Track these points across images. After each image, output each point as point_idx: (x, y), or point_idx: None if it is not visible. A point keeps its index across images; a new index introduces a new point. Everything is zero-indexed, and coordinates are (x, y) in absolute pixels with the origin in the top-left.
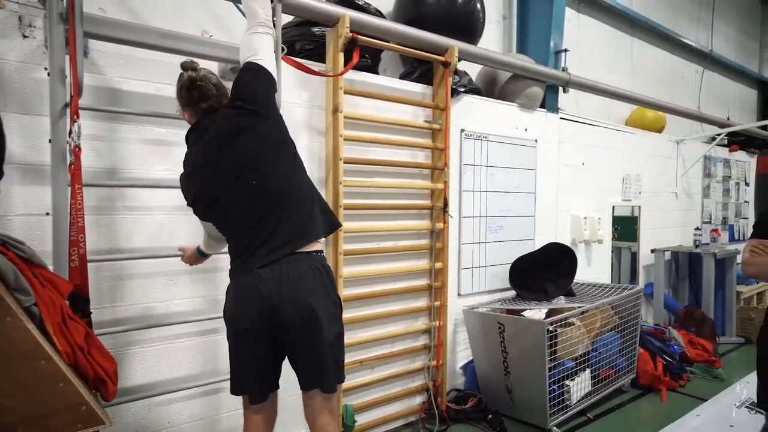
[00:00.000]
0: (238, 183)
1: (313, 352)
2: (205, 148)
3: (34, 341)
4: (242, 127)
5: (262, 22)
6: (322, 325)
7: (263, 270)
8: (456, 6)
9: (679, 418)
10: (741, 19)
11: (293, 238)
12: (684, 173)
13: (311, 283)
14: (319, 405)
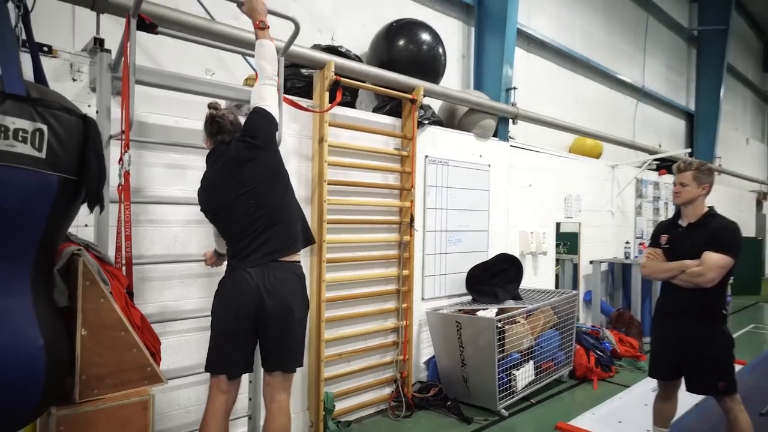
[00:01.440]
0: (239, 201)
1: (284, 341)
2: (218, 170)
3: (117, 317)
4: (248, 157)
5: (270, 76)
6: (295, 321)
7: (253, 269)
8: (422, 51)
9: (606, 401)
10: (670, 58)
11: (280, 248)
12: (618, 194)
13: (292, 286)
14: (279, 384)
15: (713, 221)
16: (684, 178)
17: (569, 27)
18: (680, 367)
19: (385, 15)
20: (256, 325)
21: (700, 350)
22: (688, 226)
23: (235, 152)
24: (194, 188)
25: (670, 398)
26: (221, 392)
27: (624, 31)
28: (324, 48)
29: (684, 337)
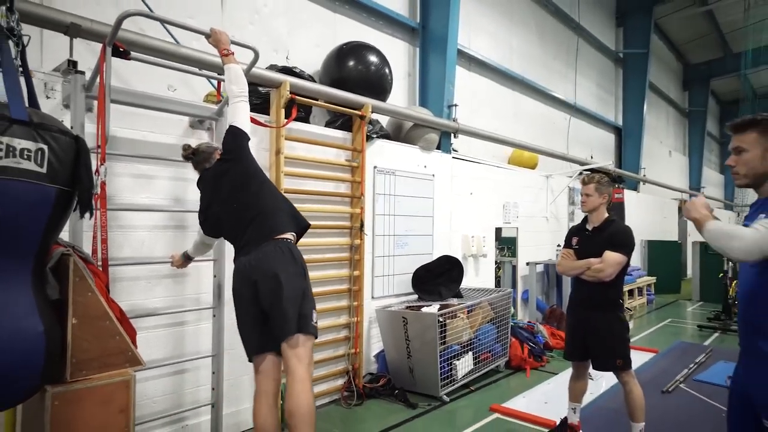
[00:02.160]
0: (226, 209)
1: (278, 308)
2: (208, 192)
3: (103, 309)
4: (224, 172)
5: (237, 95)
6: (283, 284)
7: (245, 257)
8: (370, 72)
9: (536, 386)
10: (599, 77)
11: (263, 235)
12: (552, 201)
13: (274, 255)
14: (286, 353)
15: (611, 226)
16: (588, 190)
17: (507, 48)
18: (587, 350)
19: (338, 36)
20: (258, 305)
21: (601, 334)
22: (593, 229)
23: (215, 173)
24: (160, 196)
25: (580, 377)
26: (257, 373)
27: (557, 52)
28: (280, 69)
29: (589, 324)
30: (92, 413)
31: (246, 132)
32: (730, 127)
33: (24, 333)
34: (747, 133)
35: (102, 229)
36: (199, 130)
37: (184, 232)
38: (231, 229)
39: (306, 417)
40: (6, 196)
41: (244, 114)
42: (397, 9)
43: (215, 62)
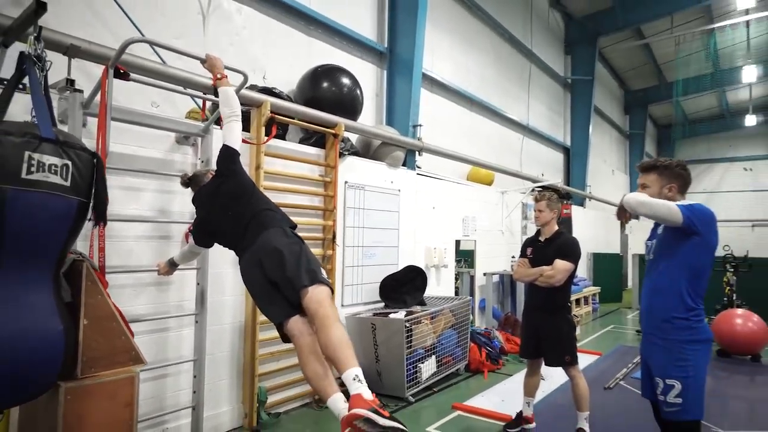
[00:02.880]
0: (223, 219)
1: (283, 271)
2: (204, 205)
3: (111, 311)
4: (218, 185)
5: (229, 115)
6: (284, 252)
7: (248, 251)
8: (342, 93)
9: (493, 386)
10: (550, 100)
11: (260, 230)
12: (507, 216)
13: (272, 236)
14: (307, 305)
15: (561, 238)
16: (540, 206)
17: (466, 72)
18: (540, 348)
19: (311, 57)
20: (269, 280)
21: (552, 334)
22: (545, 241)
23: (209, 189)
24: (147, 208)
25: (534, 374)
26: (293, 337)
27: (512, 76)
28: (260, 89)
29: (541, 325)
30: (101, 407)
31: (237, 150)
32: (638, 168)
33: (47, 332)
34: (649, 173)
35: (100, 238)
36: (184, 146)
37: (168, 242)
38: (231, 236)
39: (342, 340)
40: (38, 207)
41: (236, 133)
42: (366, 34)
43: (200, 81)
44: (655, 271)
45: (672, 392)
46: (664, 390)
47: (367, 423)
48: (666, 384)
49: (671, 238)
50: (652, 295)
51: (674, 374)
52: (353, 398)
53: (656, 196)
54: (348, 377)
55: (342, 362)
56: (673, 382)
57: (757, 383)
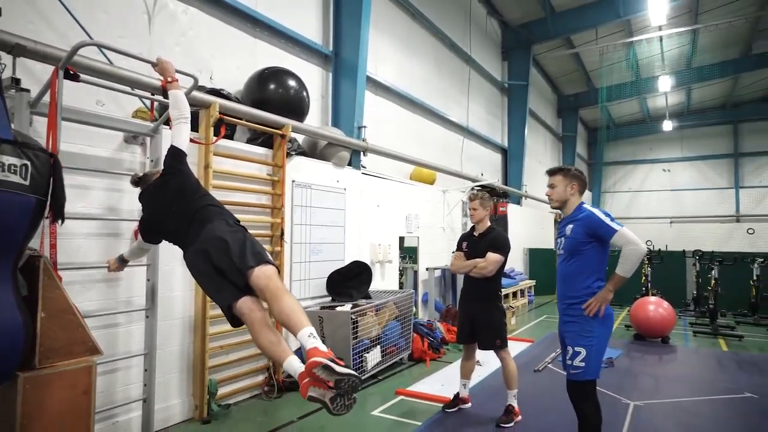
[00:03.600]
0: (168, 213)
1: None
2: (150, 201)
3: (68, 304)
4: (164, 183)
5: (176, 117)
6: (227, 240)
7: (193, 245)
8: (289, 94)
9: (434, 373)
10: (488, 104)
11: (203, 224)
12: (448, 213)
13: (214, 226)
14: (255, 282)
15: (492, 233)
16: (474, 205)
17: (409, 76)
18: (474, 333)
19: (258, 59)
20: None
21: (484, 320)
22: (479, 236)
23: (155, 186)
24: (95, 206)
25: (469, 357)
26: (243, 315)
27: (453, 80)
28: (208, 90)
29: (474, 312)
30: (60, 396)
31: (184, 150)
32: (547, 172)
33: (9, 325)
34: (556, 176)
35: (51, 235)
36: (133, 145)
37: (117, 240)
38: (175, 232)
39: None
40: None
41: (185, 135)
42: (312, 37)
43: (148, 82)
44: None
45: (578, 357)
46: (572, 356)
47: (325, 370)
48: (574, 350)
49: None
50: (562, 282)
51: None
52: (310, 351)
53: (562, 192)
54: (303, 335)
55: (296, 324)
56: (579, 349)
57: (664, 361)
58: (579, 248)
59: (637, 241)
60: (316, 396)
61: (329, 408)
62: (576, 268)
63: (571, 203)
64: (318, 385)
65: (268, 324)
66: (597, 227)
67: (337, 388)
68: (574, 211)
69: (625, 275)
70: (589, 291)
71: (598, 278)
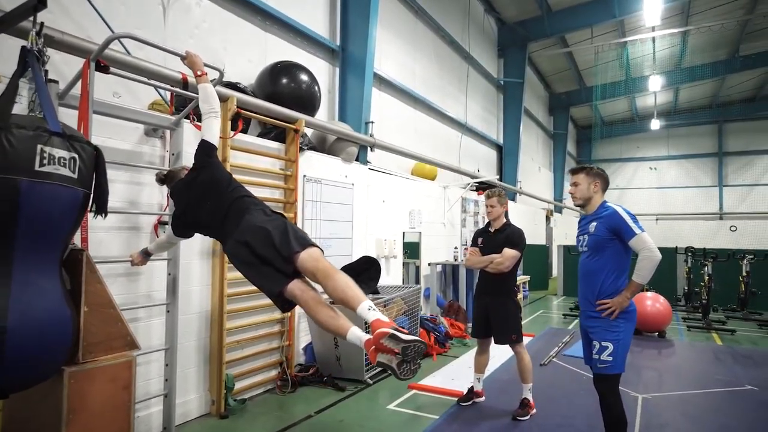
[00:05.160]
0: (202, 207)
1: (273, 245)
2: (182, 197)
3: (108, 298)
4: (194, 178)
5: (207, 111)
6: (269, 228)
7: (232, 238)
8: (302, 89)
9: (443, 368)
10: (485, 100)
11: (238, 216)
12: (449, 209)
13: (252, 217)
14: (303, 265)
15: (508, 228)
16: (492, 202)
17: (411, 72)
18: (489, 328)
19: (268, 53)
20: (261, 258)
21: (499, 315)
22: (494, 231)
23: (187, 181)
24: (116, 199)
25: (484, 352)
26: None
27: (451, 77)
28: (225, 84)
29: (490, 307)
30: (102, 389)
31: (214, 144)
32: (570, 171)
33: (59, 316)
34: (579, 174)
35: (83, 228)
36: (153, 138)
37: (137, 233)
38: (211, 225)
39: (348, 282)
40: (49, 197)
41: (215, 129)
42: (320, 31)
43: (169, 74)
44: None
45: (606, 352)
46: (600, 350)
47: (392, 339)
48: (601, 345)
49: None
50: (584, 279)
51: (608, 338)
52: (374, 323)
53: (585, 190)
54: (363, 309)
55: (354, 299)
56: (607, 344)
57: (664, 355)
58: (602, 245)
59: (653, 247)
60: (384, 362)
61: (396, 373)
62: (600, 265)
63: (594, 201)
64: (386, 351)
65: (322, 302)
66: (619, 226)
67: (404, 355)
68: (597, 208)
69: (642, 282)
70: (614, 287)
71: (621, 275)
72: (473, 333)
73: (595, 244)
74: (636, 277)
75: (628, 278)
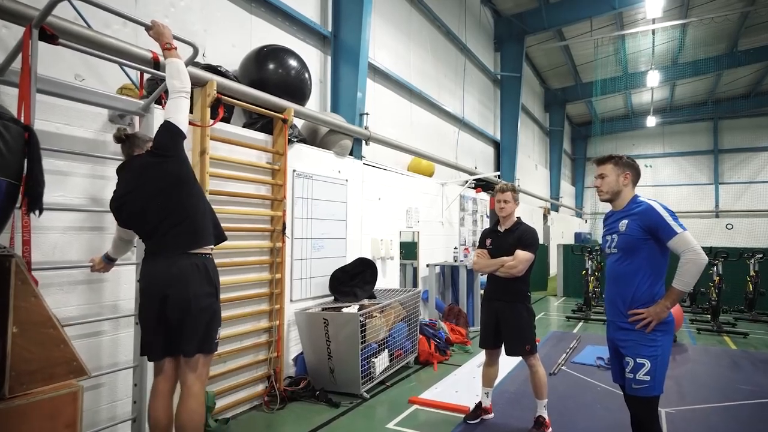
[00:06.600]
0: (149, 203)
1: (184, 327)
2: (130, 180)
3: (47, 315)
4: (154, 164)
5: (178, 89)
6: (192, 309)
7: (159, 264)
8: (290, 75)
9: (444, 378)
10: (481, 95)
11: (182, 245)
12: (447, 207)
13: (190, 274)
14: (185, 368)
15: (520, 227)
16: (506, 197)
17: (406, 63)
18: (499, 338)
19: (253, 38)
20: (164, 312)
21: (512, 323)
22: (505, 231)
23: (143, 163)
24: (75, 194)
25: (493, 364)
26: (157, 374)
27: (447, 69)
28: (203, 66)
29: (501, 314)
30: (37, 430)
31: (183, 130)
32: (595, 161)
33: None
34: (606, 164)
35: (24, 229)
36: (119, 125)
37: (101, 234)
38: (149, 223)
39: (192, 412)
40: None
41: (184, 111)
42: (310, 16)
43: (138, 53)
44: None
45: (642, 370)
46: (635, 368)
47: None
48: (636, 363)
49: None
50: (614, 282)
51: (644, 353)
52: None
53: (613, 183)
54: None
55: None
56: (643, 361)
57: (679, 362)
58: (636, 246)
59: (698, 249)
60: None
61: None
62: (632, 269)
63: (624, 195)
64: None
65: (169, 404)
66: (656, 224)
67: None
68: (628, 203)
69: (684, 289)
70: (649, 294)
71: (658, 280)
72: (481, 343)
73: (627, 244)
74: (677, 284)
75: (665, 284)
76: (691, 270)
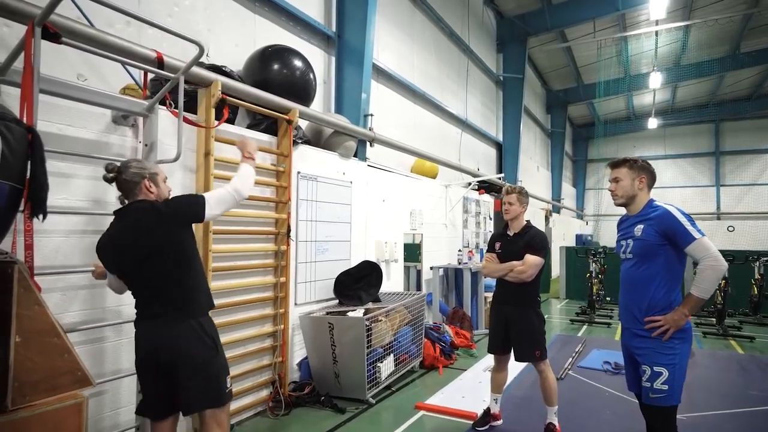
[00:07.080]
0: (140, 264)
1: (181, 388)
2: (121, 231)
3: (51, 323)
4: (150, 226)
5: (235, 187)
6: (190, 370)
7: (155, 330)
8: (295, 76)
9: (450, 383)
10: (484, 97)
11: (178, 312)
12: (450, 209)
13: (187, 339)
14: (208, 421)
15: (530, 231)
16: (511, 199)
17: (409, 64)
18: (508, 344)
19: (257, 37)
20: (160, 373)
21: (522, 328)
22: (514, 235)
23: (140, 217)
24: (77, 197)
25: (502, 370)
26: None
27: (450, 70)
28: (208, 66)
29: (511, 320)
30: None
31: (206, 216)
32: (609, 165)
33: None
34: (621, 168)
35: (26, 233)
36: (122, 126)
37: None
38: (141, 288)
39: None
40: None
41: (223, 205)
42: (314, 15)
43: (143, 53)
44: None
45: (659, 379)
46: (652, 377)
47: None
48: (654, 371)
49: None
50: (629, 288)
51: (662, 362)
52: None
53: (628, 187)
54: None
55: None
56: (660, 369)
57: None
58: (652, 251)
59: (718, 255)
60: None
61: None
62: (648, 275)
63: (639, 199)
64: None
65: None
66: (673, 229)
67: None
68: (644, 208)
69: (704, 296)
70: (666, 301)
71: (675, 286)
72: (490, 348)
73: (643, 250)
74: (696, 290)
75: (682, 291)
76: (710, 277)
